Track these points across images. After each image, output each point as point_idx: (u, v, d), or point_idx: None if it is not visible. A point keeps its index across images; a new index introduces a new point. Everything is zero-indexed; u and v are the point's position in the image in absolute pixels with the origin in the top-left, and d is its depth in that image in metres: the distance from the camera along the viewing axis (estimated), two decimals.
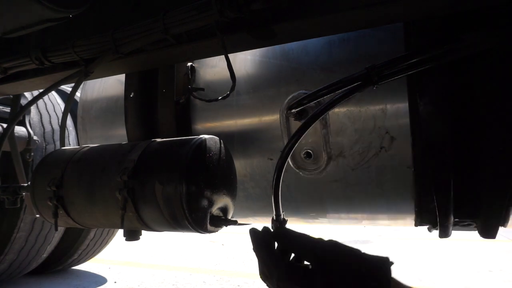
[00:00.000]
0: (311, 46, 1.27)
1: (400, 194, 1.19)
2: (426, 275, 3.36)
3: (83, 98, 1.79)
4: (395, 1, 0.86)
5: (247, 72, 1.35)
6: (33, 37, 1.36)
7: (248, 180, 1.37)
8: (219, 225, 1.11)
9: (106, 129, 1.68)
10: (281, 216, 0.93)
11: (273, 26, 0.99)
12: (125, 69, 1.37)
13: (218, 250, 4.64)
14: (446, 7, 0.90)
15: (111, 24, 1.17)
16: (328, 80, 1.08)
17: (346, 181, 1.22)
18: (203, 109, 1.42)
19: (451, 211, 1.08)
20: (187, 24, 1.00)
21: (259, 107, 1.32)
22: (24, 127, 2.52)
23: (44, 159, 1.33)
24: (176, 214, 1.03)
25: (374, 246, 4.62)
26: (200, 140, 1.10)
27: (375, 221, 1.34)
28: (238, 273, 3.59)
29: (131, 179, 1.07)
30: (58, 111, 2.96)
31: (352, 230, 5.58)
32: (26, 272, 3.04)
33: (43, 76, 1.40)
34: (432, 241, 4.64)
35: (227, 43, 1.04)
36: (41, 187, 1.25)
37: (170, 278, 3.40)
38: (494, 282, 3.14)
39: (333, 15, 0.92)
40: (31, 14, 1.04)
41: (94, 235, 3.27)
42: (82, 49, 1.19)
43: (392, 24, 1.11)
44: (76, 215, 1.22)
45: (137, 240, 1.31)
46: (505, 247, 4.36)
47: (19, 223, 2.58)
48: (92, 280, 3.45)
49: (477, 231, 1.15)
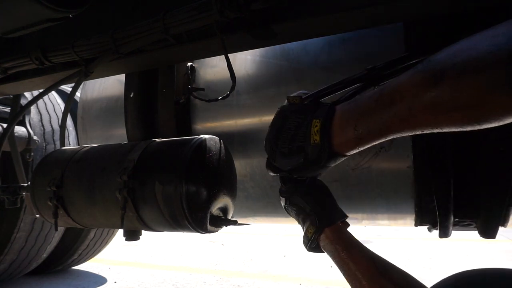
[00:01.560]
0: (311, 46, 1.27)
1: (400, 194, 1.19)
2: (425, 275, 3.36)
3: (83, 98, 1.79)
4: (395, 1, 0.86)
5: (247, 72, 1.35)
6: (33, 37, 1.36)
7: (248, 180, 1.37)
8: (219, 225, 1.11)
9: (106, 129, 1.68)
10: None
11: (273, 26, 0.99)
12: (125, 69, 1.37)
13: (218, 250, 4.64)
14: (446, 7, 0.90)
15: (111, 24, 1.17)
16: (328, 80, 1.07)
17: (346, 181, 1.22)
18: (203, 109, 1.42)
19: (451, 211, 1.08)
20: (187, 24, 1.00)
21: (259, 107, 1.32)
22: (24, 127, 2.52)
23: (44, 159, 1.33)
24: (176, 214, 1.04)
25: (374, 246, 4.62)
26: (200, 140, 1.10)
27: (375, 221, 1.34)
28: (238, 273, 3.59)
29: (131, 179, 1.07)
30: (58, 111, 2.96)
31: (352, 230, 5.58)
32: (26, 272, 3.04)
33: (43, 76, 1.40)
34: (432, 241, 4.64)
35: (227, 43, 1.04)
36: (41, 187, 1.25)
37: (170, 278, 3.40)
38: None
39: (333, 15, 0.92)
40: (31, 14, 1.04)
41: (94, 235, 3.27)
42: (82, 49, 1.19)
43: (392, 24, 1.11)
44: (76, 215, 1.22)
45: (137, 240, 1.31)
46: (505, 247, 4.36)
47: (19, 223, 2.58)
48: (92, 280, 3.45)
49: (477, 231, 1.15)
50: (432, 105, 0.55)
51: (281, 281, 3.26)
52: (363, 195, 1.23)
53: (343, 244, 0.82)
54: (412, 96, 0.58)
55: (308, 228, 0.87)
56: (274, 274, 3.48)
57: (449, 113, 0.54)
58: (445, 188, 1.05)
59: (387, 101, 0.62)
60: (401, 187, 1.17)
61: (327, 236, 0.84)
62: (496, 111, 0.50)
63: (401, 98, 0.60)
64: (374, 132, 0.66)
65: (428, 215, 1.15)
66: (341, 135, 0.71)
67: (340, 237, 0.83)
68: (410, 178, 1.15)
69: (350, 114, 0.70)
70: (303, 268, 3.48)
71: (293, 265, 3.67)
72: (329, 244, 0.83)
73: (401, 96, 0.60)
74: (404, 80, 0.60)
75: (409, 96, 0.58)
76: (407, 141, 1.13)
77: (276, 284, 3.18)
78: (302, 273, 3.41)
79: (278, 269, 3.65)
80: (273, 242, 4.96)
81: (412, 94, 0.58)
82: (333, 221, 0.85)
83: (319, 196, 0.89)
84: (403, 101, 0.59)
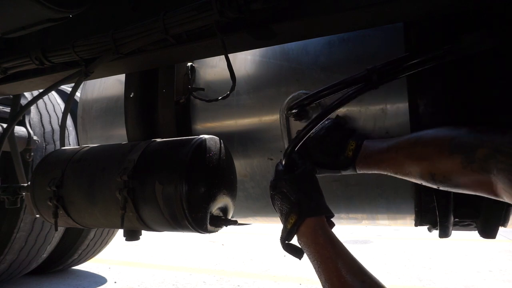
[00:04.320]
0: (311, 46, 1.27)
1: (400, 194, 1.19)
2: (425, 275, 3.36)
3: (83, 98, 1.79)
4: (395, 1, 0.86)
5: (247, 72, 1.35)
6: (33, 37, 1.36)
7: (248, 180, 1.37)
8: (219, 225, 1.11)
9: (106, 129, 1.67)
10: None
11: (273, 26, 0.99)
12: (125, 69, 1.37)
13: (218, 250, 4.64)
14: (446, 7, 0.90)
15: (111, 24, 1.17)
16: (328, 80, 1.08)
17: (346, 181, 1.22)
18: (203, 109, 1.42)
19: (451, 211, 1.08)
20: (187, 24, 1.00)
21: (259, 107, 1.32)
22: (24, 127, 2.52)
23: (44, 159, 1.33)
24: (176, 214, 1.03)
25: (374, 246, 4.62)
26: (200, 140, 1.10)
27: (375, 221, 1.34)
28: (238, 273, 3.59)
29: (131, 179, 1.07)
30: (58, 111, 2.96)
31: (352, 230, 5.58)
32: (26, 272, 3.04)
33: (43, 76, 1.40)
34: (432, 241, 4.64)
35: (227, 43, 1.04)
36: (41, 187, 1.25)
37: (170, 278, 3.41)
38: (494, 282, 3.14)
39: (333, 15, 0.92)
40: (31, 14, 1.04)
41: (94, 235, 3.27)
42: (82, 49, 1.19)
43: (392, 24, 1.11)
44: (76, 215, 1.22)
45: (137, 240, 1.31)
46: (505, 247, 4.36)
47: (19, 223, 2.58)
48: (92, 280, 3.45)
49: (477, 231, 1.15)
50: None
51: (281, 281, 3.26)
52: (363, 195, 1.23)
53: (327, 238, 0.80)
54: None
55: (289, 218, 0.85)
56: (274, 274, 3.48)
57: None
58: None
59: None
60: (401, 187, 1.17)
61: (309, 228, 0.81)
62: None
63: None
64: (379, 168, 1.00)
65: (428, 215, 1.15)
66: (361, 159, 1.02)
67: (324, 231, 0.81)
68: None
69: (367, 148, 1.02)
70: (303, 268, 3.48)
71: (293, 265, 3.67)
72: (310, 236, 0.80)
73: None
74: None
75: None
76: None
77: (276, 284, 3.18)
78: (302, 273, 3.41)
79: (278, 269, 3.65)
80: (273, 242, 4.95)
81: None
82: (317, 212, 0.83)
83: (306, 186, 0.89)
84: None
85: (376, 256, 4.07)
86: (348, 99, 0.94)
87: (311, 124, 0.95)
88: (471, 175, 0.75)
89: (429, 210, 1.13)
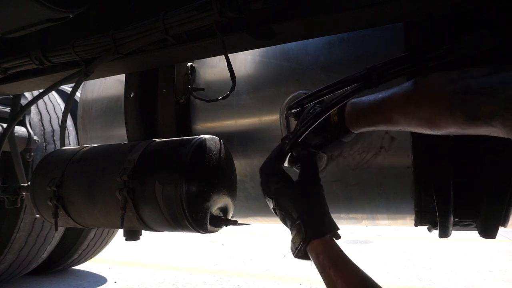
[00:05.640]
0: (311, 46, 1.27)
1: (400, 194, 1.19)
2: (425, 275, 3.36)
3: (83, 98, 1.79)
4: (395, 1, 0.86)
5: (247, 72, 1.35)
6: (33, 37, 1.36)
7: (248, 180, 1.37)
8: (219, 225, 1.11)
9: (106, 129, 1.68)
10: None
11: (273, 26, 0.99)
12: (125, 69, 1.37)
13: (218, 250, 4.64)
14: (446, 7, 0.90)
15: (111, 24, 1.17)
16: (328, 80, 1.07)
17: (346, 181, 1.22)
18: (203, 109, 1.42)
19: (451, 211, 1.08)
20: (187, 24, 1.00)
21: (259, 107, 1.32)
22: (24, 127, 2.52)
23: (44, 159, 1.33)
24: (176, 214, 1.04)
25: (374, 246, 4.62)
26: (200, 140, 1.10)
27: (375, 221, 1.34)
28: (238, 273, 3.59)
29: (131, 179, 1.07)
30: (58, 111, 2.96)
31: (352, 230, 5.58)
32: (26, 272, 3.04)
33: (43, 76, 1.40)
34: (432, 241, 4.64)
35: (227, 43, 1.04)
36: (41, 187, 1.25)
37: (170, 278, 3.41)
38: (494, 282, 3.14)
39: (333, 15, 0.92)
40: (31, 14, 1.04)
41: (94, 235, 3.27)
42: (82, 49, 1.19)
43: (392, 24, 1.11)
44: (76, 215, 1.22)
45: (137, 240, 1.31)
46: (505, 247, 4.36)
47: (19, 223, 2.58)
48: (92, 280, 3.45)
49: (477, 231, 1.15)
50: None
51: (281, 281, 3.26)
52: (363, 195, 1.23)
53: (331, 259, 0.79)
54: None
55: (295, 236, 0.84)
56: (274, 274, 3.48)
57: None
58: (445, 188, 1.05)
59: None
60: (401, 187, 1.17)
61: (314, 249, 0.81)
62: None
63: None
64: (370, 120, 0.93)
65: (428, 215, 1.15)
66: (351, 120, 0.97)
67: (328, 252, 0.80)
68: (410, 178, 1.15)
69: (356, 105, 0.97)
70: (303, 268, 3.48)
71: (293, 265, 3.67)
72: (315, 258, 0.81)
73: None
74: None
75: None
76: (407, 141, 1.13)
77: (276, 284, 3.18)
78: (302, 273, 3.41)
79: (278, 269, 3.65)
80: (273, 242, 4.95)
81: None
82: (321, 234, 0.82)
83: (309, 203, 0.86)
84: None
85: (376, 256, 4.07)
86: (347, 97, 0.94)
87: (309, 122, 0.95)
88: (476, 129, 0.74)
89: (429, 210, 1.13)
